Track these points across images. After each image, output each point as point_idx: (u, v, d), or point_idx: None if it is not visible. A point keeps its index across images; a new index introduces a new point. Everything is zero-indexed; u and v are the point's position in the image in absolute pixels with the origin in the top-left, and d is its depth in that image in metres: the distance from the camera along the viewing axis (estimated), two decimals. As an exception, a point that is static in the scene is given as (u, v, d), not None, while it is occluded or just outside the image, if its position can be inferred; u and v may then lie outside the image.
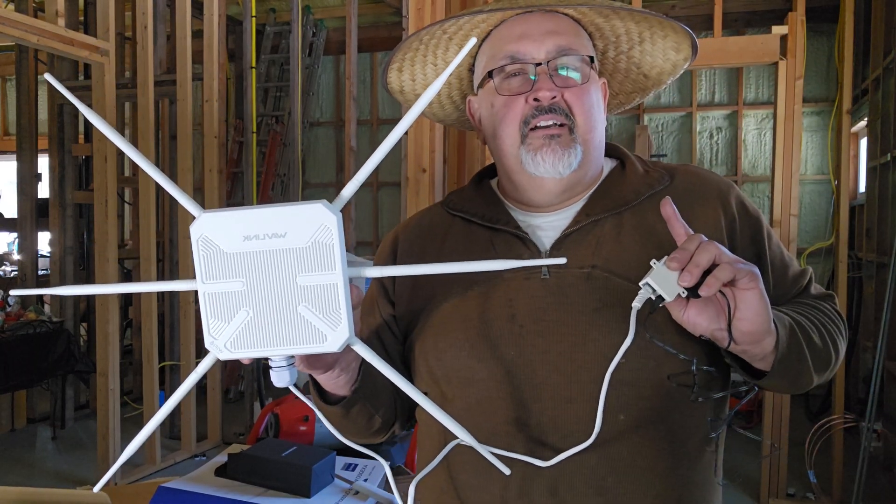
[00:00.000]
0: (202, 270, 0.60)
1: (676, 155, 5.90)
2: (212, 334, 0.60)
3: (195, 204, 0.62)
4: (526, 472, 0.78)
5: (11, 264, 6.44)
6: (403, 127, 0.61)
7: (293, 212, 0.58)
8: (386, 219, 6.60)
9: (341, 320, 0.59)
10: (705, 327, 0.71)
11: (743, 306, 0.69)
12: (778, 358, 0.74)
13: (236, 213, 0.59)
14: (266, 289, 0.59)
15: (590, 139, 0.85)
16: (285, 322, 0.59)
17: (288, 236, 0.58)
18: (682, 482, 0.80)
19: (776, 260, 0.89)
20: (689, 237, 0.70)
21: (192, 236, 0.59)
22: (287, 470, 1.40)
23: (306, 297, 0.59)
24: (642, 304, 0.71)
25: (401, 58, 0.94)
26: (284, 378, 0.66)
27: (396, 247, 0.96)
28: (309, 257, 0.59)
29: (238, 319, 0.60)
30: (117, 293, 0.65)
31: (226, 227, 0.59)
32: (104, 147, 3.46)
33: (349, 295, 0.59)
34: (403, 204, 3.31)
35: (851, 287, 4.21)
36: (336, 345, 0.60)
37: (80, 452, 4.15)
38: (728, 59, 3.32)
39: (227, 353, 0.60)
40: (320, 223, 0.58)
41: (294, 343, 0.60)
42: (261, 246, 0.59)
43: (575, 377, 0.78)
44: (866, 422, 2.95)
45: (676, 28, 0.88)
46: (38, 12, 4.90)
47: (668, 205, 0.73)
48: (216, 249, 0.59)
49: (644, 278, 0.70)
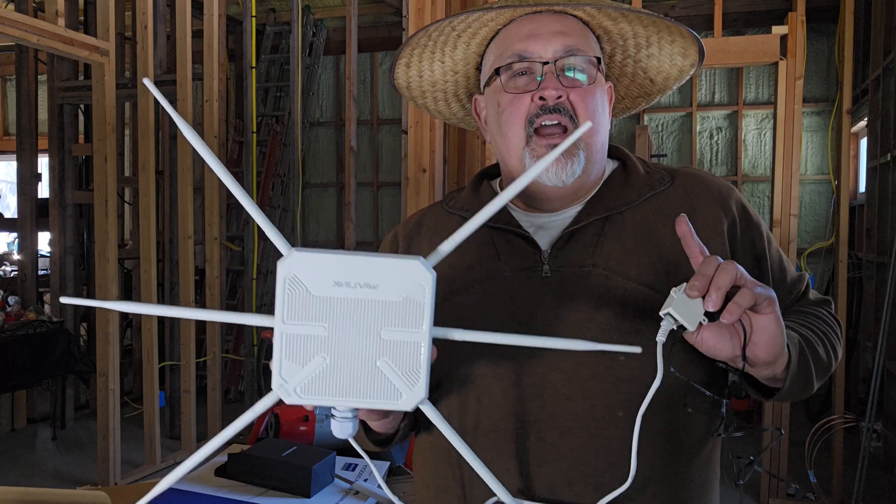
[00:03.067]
0: (285, 310, 0.57)
1: (676, 155, 5.90)
2: (283, 376, 0.58)
3: (285, 241, 0.60)
4: (526, 469, 0.78)
5: (11, 264, 6.44)
6: (512, 192, 0.61)
7: (390, 264, 0.57)
8: (386, 219, 6.59)
9: (419, 380, 0.58)
10: (724, 352, 0.70)
11: (759, 331, 0.68)
12: (789, 377, 0.74)
13: (330, 256, 0.57)
14: (348, 338, 0.58)
15: (593, 143, 0.85)
16: (362, 374, 0.58)
17: (380, 288, 0.57)
18: (679, 480, 0.80)
19: (775, 265, 0.89)
20: (706, 260, 0.68)
21: (280, 274, 0.57)
22: (287, 470, 1.40)
23: (388, 351, 0.58)
24: (666, 337, 0.69)
25: (409, 53, 0.94)
26: (347, 430, 0.64)
27: (397, 246, 0.97)
28: (397, 312, 0.58)
29: (313, 365, 0.58)
30: (170, 316, 0.63)
31: (317, 270, 0.57)
32: (104, 147, 3.46)
33: (430, 355, 0.59)
34: (403, 204, 3.31)
35: (851, 287, 4.21)
36: (410, 404, 0.59)
37: (80, 452, 4.15)
38: (728, 59, 3.31)
39: (296, 398, 0.58)
40: (415, 280, 0.57)
41: (367, 396, 0.59)
42: (350, 294, 0.57)
43: (574, 374, 0.79)
44: (866, 422, 2.95)
45: (684, 33, 0.88)
46: (38, 12, 4.91)
47: (683, 223, 0.71)
48: (303, 291, 0.57)
49: (664, 307, 0.68)
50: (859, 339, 4.26)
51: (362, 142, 6.57)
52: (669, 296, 0.68)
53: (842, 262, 3.41)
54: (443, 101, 1.02)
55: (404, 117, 3.26)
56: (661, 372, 0.68)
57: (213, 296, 4.20)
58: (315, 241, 6.74)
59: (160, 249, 4.64)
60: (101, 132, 3.45)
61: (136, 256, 4.27)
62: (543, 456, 0.78)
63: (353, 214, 4.09)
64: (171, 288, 4.50)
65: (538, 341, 0.62)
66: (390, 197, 6.53)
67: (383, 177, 6.57)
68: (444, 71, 0.96)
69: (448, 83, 0.99)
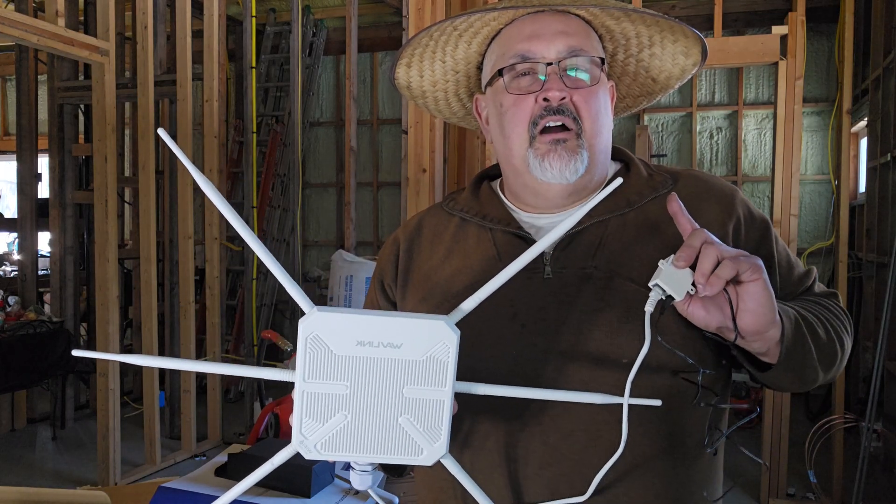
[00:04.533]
0: (306, 369, 0.57)
1: (676, 155, 5.90)
2: (303, 433, 0.58)
3: (308, 300, 0.60)
4: (527, 471, 0.78)
5: (11, 264, 6.44)
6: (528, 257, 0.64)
7: (413, 325, 0.57)
8: (386, 219, 6.60)
9: (440, 437, 0.59)
10: (713, 323, 0.71)
11: (747, 297, 0.69)
12: (784, 350, 0.74)
13: (353, 316, 0.57)
14: (369, 395, 0.58)
15: (596, 143, 0.85)
16: (383, 430, 0.58)
17: (403, 347, 0.57)
18: (681, 481, 0.80)
19: (783, 261, 0.89)
20: (693, 233, 0.70)
21: (302, 333, 0.57)
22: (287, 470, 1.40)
23: (410, 409, 0.58)
24: (654, 307, 0.70)
25: (410, 53, 0.94)
26: (367, 482, 0.64)
27: (398, 249, 0.96)
28: (421, 371, 0.58)
29: (334, 422, 0.58)
30: (200, 371, 0.63)
31: (339, 329, 0.57)
32: (104, 147, 3.46)
33: (452, 411, 0.59)
34: (403, 204, 3.31)
35: (851, 287, 4.21)
36: (431, 460, 0.59)
37: (80, 452, 4.15)
38: (728, 59, 3.32)
39: (316, 454, 0.59)
40: (440, 340, 0.57)
41: (387, 452, 0.59)
42: (373, 353, 0.57)
43: (576, 376, 0.78)
44: (866, 422, 2.94)
45: (687, 32, 0.88)
46: (38, 12, 4.91)
47: (674, 201, 0.73)
48: (325, 350, 0.57)
49: (653, 279, 0.70)
50: (859, 339, 4.26)
51: (362, 142, 6.57)
52: (657, 268, 0.70)
53: (842, 262, 3.41)
54: (443, 100, 1.02)
55: (404, 117, 3.26)
56: (649, 340, 0.69)
57: (213, 296, 4.20)
58: (315, 241, 6.74)
59: (160, 249, 4.64)
60: (101, 132, 3.45)
61: (136, 256, 4.27)
62: (545, 458, 0.78)
63: (353, 214, 4.10)
64: (171, 288, 4.50)
65: (561, 395, 0.63)
66: (390, 197, 6.53)
67: (383, 177, 6.57)
68: (444, 70, 0.96)
69: (449, 83, 0.99)
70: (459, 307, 0.61)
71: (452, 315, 0.60)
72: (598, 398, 0.63)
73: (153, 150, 3.75)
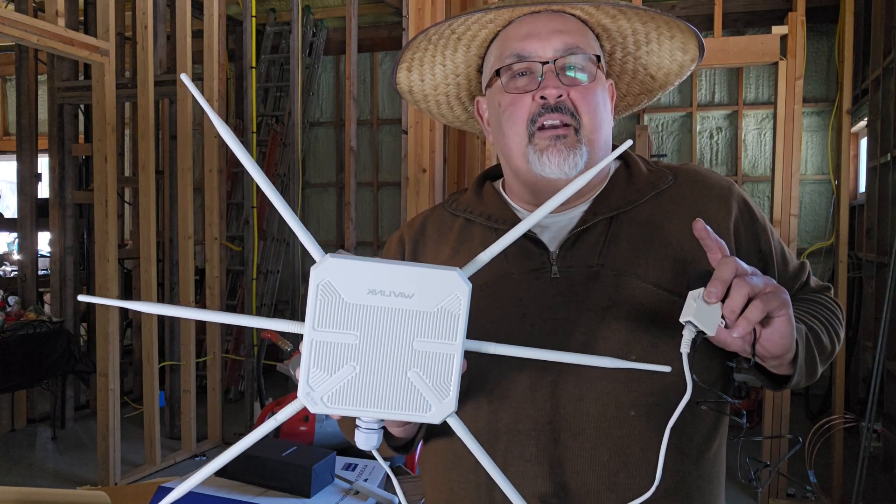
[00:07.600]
0: (316, 316, 0.56)
1: (676, 155, 5.90)
2: (310, 384, 0.57)
3: (318, 248, 0.59)
4: (541, 471, 0.79)
5: (11, 264, 6.44)
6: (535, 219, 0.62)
7: (426, 274, 0.56)
8: (386, 219, 6.60)
9: (449, 393, 0.57)
10: (733, 348, 0.71)
11: (771, 330, 0.69)
12: (796, 370, 0.76)
13: (365, 263, 0.56)
14: (379, 347, 0.57)
15: (595, 139, 0.85)
16: (391, 385, 0.57)
17: (415, 298, 0.56)
18: (689, 477, 0.81)
19: (778, 256, 0.91)
20: (723, 263, 0.67)
21: (313, 279, 0.55)
22: (287, 470, 1.40)
23: (419, 362, 0.57)
24: (690, 347, 0.68)
25: (410, 57, 0.94)
26: (372, 441, 0.63)
27: (403, 248, 0.97)
28: (431, 323, 0.57)
29: (342, 374, 0.57)
30: (198, 318, 0.61)
31: (351, 277, 0.56)
32: (104, 147, 3.46)
33: (461, 367, 0.58)
34: (403, 204, 3.31)
35: (851, 287, 4.21)
36: (439, 417, 0.58)
37: (80, 452, 4.15)
38: (728, 59, 3.32)
39: (322, 407, 0.57)
40: (452, 291, 0.56)
41: (395, 408, 0.58)
42: (384, 302, 0.56)
43: (585, 375, 0.79)
44: (866, 422, 2.94)
45: (683, 28, 0.88)
46: (38, 12, 4.90)
47: (699, 224, 0.71)
48: (336, 297, 0.56)
49: (683, 314, 0.67)
50: (859, 339, 4.26)
51: (362, 142, 6.57)
52: (687, 302, 0.67)
53: (842, 262, 3.41)
54: (445, 104, 1.02)
55: (404, 117, 3.26)
56: (691, 386, 0.67)
57: (213, 296, 4.20)
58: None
59: (160, 249, 4.64)
60: (101, 132, 3.45)
61: (136, 256, 4.27)
62: (558, 457, 0.79)
63: (353, 214, 4.09)
64: (171, 288, 4.50)
65: (571, 357, 0.61)
66: (390, 197, 6.53)
67: (383, 177, 6.57)
68: (445, 74, 0.97)
69: (450, 86, 0.99)
70: (476, 258, 0.60)
71: (467, 268, 0.59)
72: (608, 362, 0.62)
73: (153, 150, 3.75)
